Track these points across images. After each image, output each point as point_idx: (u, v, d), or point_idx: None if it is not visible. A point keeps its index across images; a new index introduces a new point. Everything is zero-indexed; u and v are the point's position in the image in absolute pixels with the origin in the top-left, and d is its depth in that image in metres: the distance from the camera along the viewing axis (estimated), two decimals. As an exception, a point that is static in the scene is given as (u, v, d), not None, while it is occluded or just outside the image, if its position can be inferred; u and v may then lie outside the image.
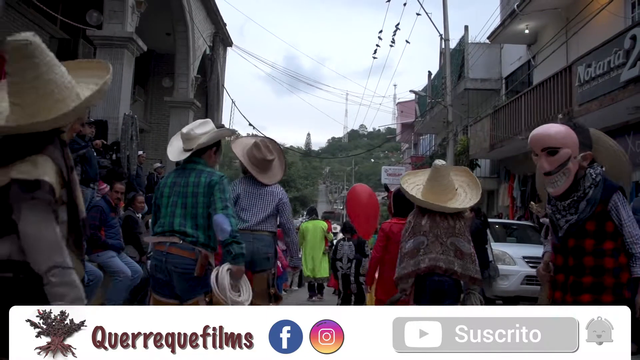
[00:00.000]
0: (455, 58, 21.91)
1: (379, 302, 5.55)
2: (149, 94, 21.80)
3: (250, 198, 5.51)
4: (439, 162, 4.75)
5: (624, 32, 10.68)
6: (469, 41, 22.02)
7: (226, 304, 3.62)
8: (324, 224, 13.20)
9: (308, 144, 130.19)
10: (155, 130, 21.63)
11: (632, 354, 6.28)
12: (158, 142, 21.13)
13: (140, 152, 13.26)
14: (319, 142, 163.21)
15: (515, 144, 15.42)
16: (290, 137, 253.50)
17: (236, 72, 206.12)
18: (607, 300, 2.79)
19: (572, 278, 2.96)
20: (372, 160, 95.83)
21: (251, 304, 3.90)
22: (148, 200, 12.05)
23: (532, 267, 9.92)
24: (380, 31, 27.33)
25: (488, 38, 19.46)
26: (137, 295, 8.63)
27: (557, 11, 15.62)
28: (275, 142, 6.01)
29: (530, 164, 4.35)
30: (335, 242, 12.09)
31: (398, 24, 20.03)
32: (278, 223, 5.70)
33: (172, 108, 18.32)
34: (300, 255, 11.97)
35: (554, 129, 3.03)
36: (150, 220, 9.21)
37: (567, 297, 2.96)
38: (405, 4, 19.28)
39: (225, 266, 3.78)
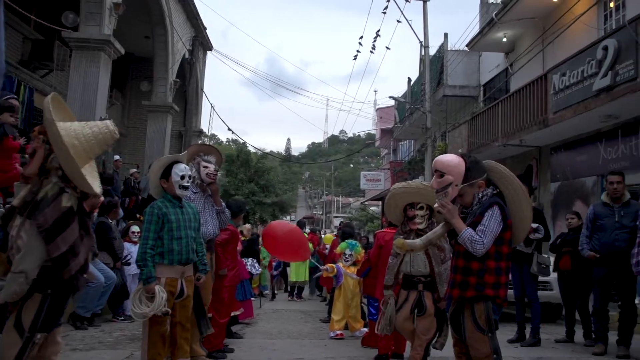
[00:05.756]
0: (434, 65, 22.05)
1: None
2: (127, 98, 21.62)
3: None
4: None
5: (596, 43, 10.85)
6: (449, 48, 22.20)
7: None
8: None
9: (288, 149, 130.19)
10: (133, 135, 21.46)
11: (599, 354, 6.44)
12: (136, 146, 20.96)
13: (117, 157, 13.15)
14: (299, 147, 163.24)
15: (492, 150, 15.57)
16: (270, 142, 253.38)
17: (217, 77, 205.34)
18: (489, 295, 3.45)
19: (460, 277, 3.51)
20: (352, 165, 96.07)
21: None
22: (124, 205, 12.01)
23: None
24: (361, 37, 27.37)
25: (467, 45, 19.64)
26: (112, 303, 8.57)
27: (534, 21, 15.83)
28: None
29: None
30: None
31: (378, 31, 20.14)
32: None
33: (150, 112, 18.18)
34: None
35: (447, 158, 3.67)
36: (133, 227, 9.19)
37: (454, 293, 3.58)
38: (385, 12, 19.34)
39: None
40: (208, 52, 23.06)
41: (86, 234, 3.64)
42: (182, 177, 4.95)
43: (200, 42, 20.82)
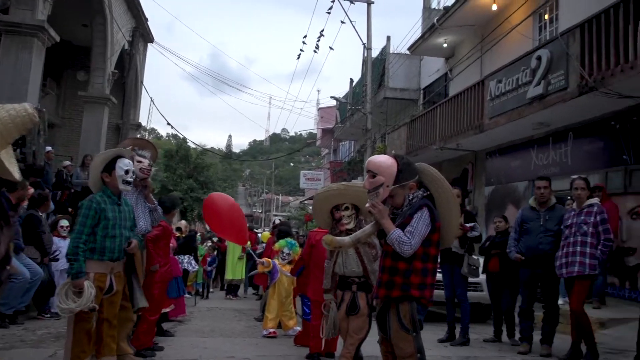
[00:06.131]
0: (376, 67, 22.30)
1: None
2: (62, 88, 20.87)
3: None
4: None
5: (531, 53, 11.22)
6: (391, 51, 22.51)
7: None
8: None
9: (229, 145, 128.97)
10: (68, 126, 20.74)
11: (524, 353, 6.64)
12: (70, 138, 20.28)
13: (49, 148, 12.66)
14: (241, 144, 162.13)
15: (429, 153, 15.87)
16: (211, 138, 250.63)
17: (159, 70, 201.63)
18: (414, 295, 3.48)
19: (387, 277, 3.55)
20: (292, 164, 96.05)
21: None
22: (55, 198, 11.60)
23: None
24: (305, 36, 27.47)
25: (409, 49, 19.96)
26: (38, 299, 8.24)
27: (474, 28, 16.23)
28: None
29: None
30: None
31: (322, 31, 20.21)
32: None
33: (86, 103, 17.62)
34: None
35: (379, 159, 3.68)
36: (62, 221, 8.86)
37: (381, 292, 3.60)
38: (329, 12, 19.41)
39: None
40: (149, 45, 22.55)
41: (6, 224, 3.46)
42: (127, 172, 4.86)
43: (141, 34, 20.32)
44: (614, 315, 8.57)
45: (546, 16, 13.68)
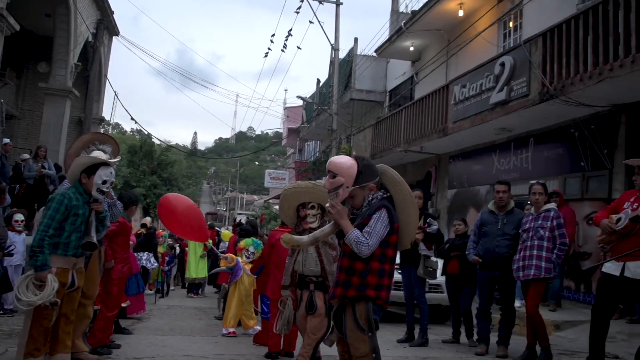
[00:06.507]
0: (343, 68, 22.40)
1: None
2: (23, 79, 20.36)
3: None
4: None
5: (495, 59, 11.41)
6: (358, 53, 22.63)
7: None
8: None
9: (194, 143, 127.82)
10: (28, 118, 20.24)
11: (481, 354, 6.73)
12: (30, 130, 19.82)
13: (7, 140, 12.34)
14: (206, 141, 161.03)
15: (394, 155, 15.98)
16: (176, 135, 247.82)
17: (124, 65, 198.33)
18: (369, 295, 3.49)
19: (344, 276, 3.56)
20: (257, 163, 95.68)
21: None
22: (13, 192, 11.31)
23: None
24: (273, 35, 27.30)
25: (376, 51, 20.09)
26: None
27: (440, 33, 16.43)
28: None
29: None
30: None
31: (290, 30, 20.30)
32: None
33: (47, 95, 17.21)
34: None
35: (340, 160, 3.70)
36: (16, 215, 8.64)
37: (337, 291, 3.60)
38: (298, 12, 19.40)
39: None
40: (114, 38, 22.20)
41: None
42: (104, 182, 4.89)
43: (106, 27, 19.96)
44: (569, 318, 8.77)
45: (511, 24, 13.92)
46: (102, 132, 18.86)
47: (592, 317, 5.53)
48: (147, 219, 12.44)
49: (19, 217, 8.67)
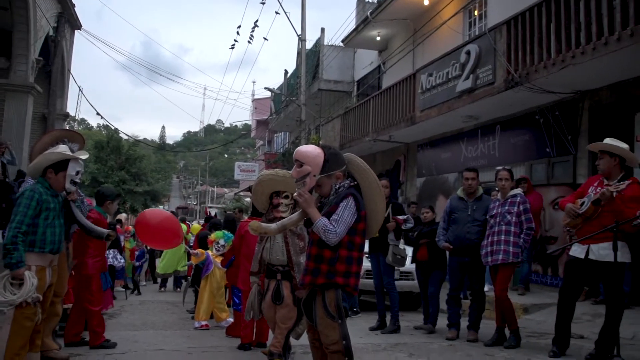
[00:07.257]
0: (310, 59, 22.35)
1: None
2: (-19, 74, 19.81)
3: None
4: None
5: (460, 47, 11.52)
6: (325, 43, 22.60)
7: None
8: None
9: (163, 137, 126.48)
10: (-12, 115, 19.74)
11: (451, 339, 6.79)
12: (-9, 128, 19.33)
13: (-33, 138, 12.03)
14: (175, 135, 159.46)
15: (363, 145, 16.04)
16: (144, 129, 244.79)
17: (89, 59, 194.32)
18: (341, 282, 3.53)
19: (313, 265, 3.60)
20: (227, 155, 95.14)
21: None
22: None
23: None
24: (239, 26, 27.21)
25: (342, 41, 20.09)
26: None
27: (406, 22, 16.50)
28: None
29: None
30: None
31: (257, 21, 20.04)
32: None
33: (8, 92, 16.72)
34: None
35: (306, 149, 3.77)
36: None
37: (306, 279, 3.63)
38: (264, 2, 19.27)
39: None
40: (77, 32, 21.72)
41: None
42: (77, 173, 4.94)
43: (67, 20, 19.50)
44: (537, 301, 8.95)
45: (476, 12, 14.06)
46: (67, 128, 18.55)
47: (559, 299, 5.67)
48: (122, 216, 12.31)
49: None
